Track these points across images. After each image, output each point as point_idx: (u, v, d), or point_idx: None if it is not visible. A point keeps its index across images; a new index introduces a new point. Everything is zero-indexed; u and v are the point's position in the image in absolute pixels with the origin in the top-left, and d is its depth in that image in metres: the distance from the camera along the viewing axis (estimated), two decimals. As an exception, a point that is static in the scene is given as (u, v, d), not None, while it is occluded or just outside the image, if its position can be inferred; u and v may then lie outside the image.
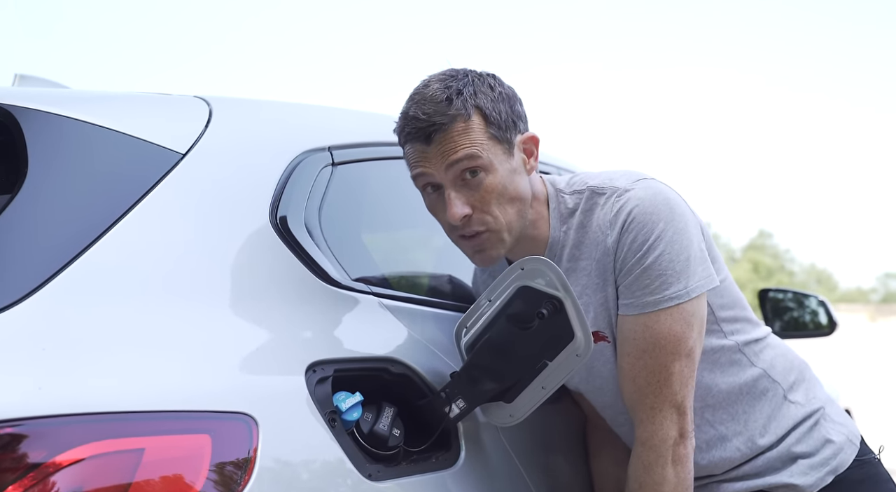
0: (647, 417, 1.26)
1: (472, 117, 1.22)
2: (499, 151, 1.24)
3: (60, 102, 1.19)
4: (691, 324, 1.24)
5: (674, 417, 1.25)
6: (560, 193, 1.34)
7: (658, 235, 1.22)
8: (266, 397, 1.01)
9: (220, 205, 1.17)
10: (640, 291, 1.23)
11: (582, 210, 1.30)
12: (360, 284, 1.29)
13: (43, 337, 0.90)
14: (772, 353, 1.41)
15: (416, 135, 1.23)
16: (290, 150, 1.33)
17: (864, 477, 1.37)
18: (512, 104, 1.27)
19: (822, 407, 1.41)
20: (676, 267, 1.22)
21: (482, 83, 1.26)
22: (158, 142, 1.17)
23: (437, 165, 1.23)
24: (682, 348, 1.24)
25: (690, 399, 1.27)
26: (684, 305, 1.23)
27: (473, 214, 1.24)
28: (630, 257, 1.24)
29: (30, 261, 0.97)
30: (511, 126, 1.25)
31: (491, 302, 1.23)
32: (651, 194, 1.25)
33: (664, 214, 1.23)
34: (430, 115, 1.21)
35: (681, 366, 1.24)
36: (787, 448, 1.37)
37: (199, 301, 1.06)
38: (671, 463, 1.25)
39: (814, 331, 2.51)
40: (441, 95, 1.22)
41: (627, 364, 1.27)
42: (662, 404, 1.25)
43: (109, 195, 1.09)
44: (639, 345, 1.25)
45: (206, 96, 1.34)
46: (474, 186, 1.23)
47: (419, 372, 1.24)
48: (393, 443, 1.14)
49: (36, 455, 0.82)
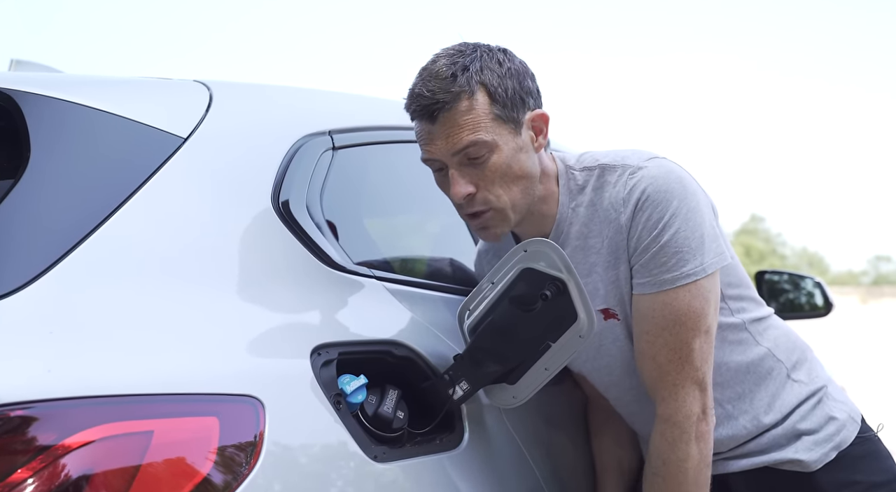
0: (670, 394, 1.27)
1: (477, 95, 1.21)
2: (504, 131, 1.23)
3: (60, 87, 1.18)
4: (709, 300, 1.25)
5: (696, 393, 1.26)
6: (570, 170, 1.33)
7: (673, 213, 1.22)
8: (272, 379, 1.02)
9: (223, 189, 1.17)
10: (658, 268, 1.24)
11: (593, 187, 1.30)
12: (363, 268, 1.29)
13: (50, 321, 0.90)
14: (775, 332, 1.43)
15: (422, 113, 1.23)
16: (291, 134, 1.33)
17: (865, 453, 1.39)
18: (521, 80, 1.26)
19: (824, 386, 1.43)
20: (692, 244, 1.22)
21: (491, 58, 1.24)
22: (160, 126, 1.17)
23: (441, 149, 1.23)
24: (702, 325, 1.25)
25: (710, 376, 1.28)
26: (701, 281, 1.23)
27: (477, 193, 1.24)
28: (645, 236, 1.24)
29: (34, 245, 0.97)
30: (518, 103, 1.25)
31: (494, 284, 1.24)
32: (664, 172, 1.25)
33: (678, 192, 1.23)
34: (434, 92, 1.21)
35: (701, 342, 1.25)
36: (792, 426, 1.38)
37: (203, 285, 1.06)
38: (694, 440, 1.26)
39: (810, 312, 2.52)
40: (446, 72, 1.22)
41: (647, 343, 1.28)
42: (685, 380, 1.26)
43: (112, 179, 1.08)
44: (658, 323, 1.25)
45: (206, 81, 1.33)
46: (478, 164, 1.23)
47: (423, 355, 1.24)
48: (397, 425, 1.15)
49: (46, 438, 0.83)
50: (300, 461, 1.00)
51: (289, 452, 0.98)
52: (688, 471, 1.26)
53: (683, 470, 1.26)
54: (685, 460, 1.26)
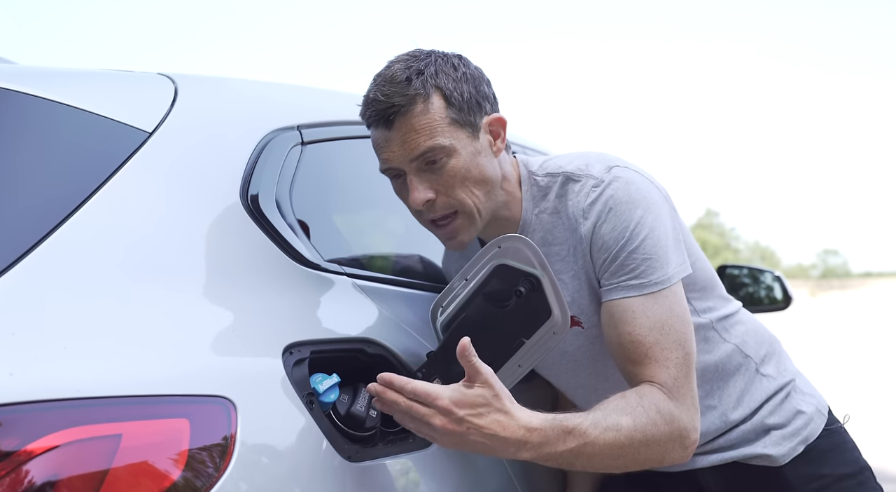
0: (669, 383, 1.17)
1: (432, 98, 1.20)
2: (461, 135, 1.22)
3: (17, 79, 1.14)
4: (673, 308, 1.22)
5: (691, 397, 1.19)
6: (533, 176, 1.33)
7: (638, 222, 1.22)
8: (243, 379, 1.00)
9: (190, 185, 1.14)
10: (626, 275, 1.22)
11: (556, 194, 1.30)
12: (334, 265, 1.27)
13: (11, 322, 0.87)
14: (743, 328, 1.44)
15: (377, 118, 1.22)
16: (259, 128, 1.30)
17: (832, 445, 1.42)
18: (477, 85, 1.26)
19: (792, 379, 1.45)
20: (659, 252, 1.21)
21: (445, 63, 1.24)
22: (123, 120, 1.14)
23: (398, 155, 1.22)
24: (664, 339, 1.19)
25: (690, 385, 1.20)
26: (666, 291, 1.21)
27: (437, 199, 1.23)
28: (612, 244, 1.23)
29: None
30: (475, 107, 1.24)
31: (467, 281, 1.23)
32: (624, 184, 1.24)
33: (640, 203, 1.23)
34: (389, 95, 1.20)
35: (662, 350, 1.19)
36: (761, 420, 1.39)
37: (171, 283, 1.03)
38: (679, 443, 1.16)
39: (769, 306, 2.57)
40: (401, 75, 1.21)
41: (615, 345, 1.23)
42: (686, 376, 1.18)
43: (75, 176, 1.05)
44: (628, 329, 1.21)
45: (170, 74, 1.30)
46: (437, 170, 1.22)
47: (395, 352, 1.23)
48: (370, 424, 1.13)
49: (8, 443, 0.79)
50: (273, 462, 0.98)
51: (261, 453, 0.96)
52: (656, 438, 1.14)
53: (656, 435, 1.13)
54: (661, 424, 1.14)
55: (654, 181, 1.30)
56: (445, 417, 1.04)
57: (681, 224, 1.33)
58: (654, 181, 1.29)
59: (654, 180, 1.30)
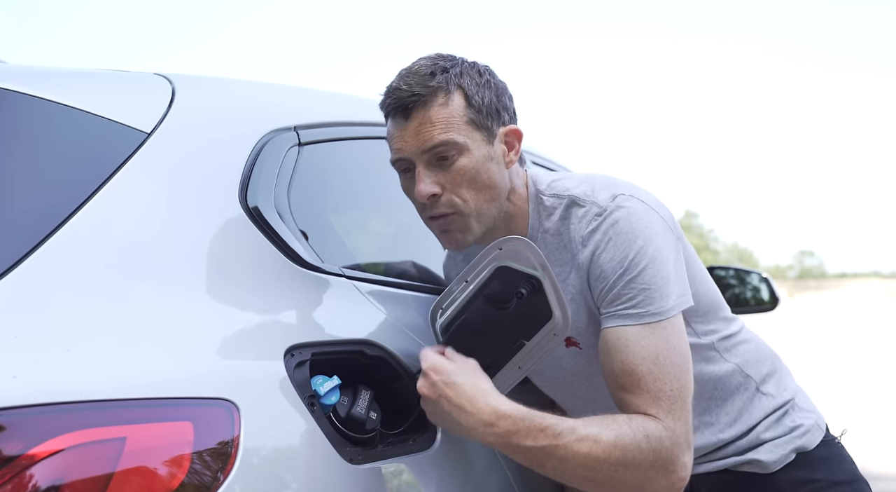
0: (662, 416, 1.13)
1: (454, 94, 1.21)
2: (477, 136, 1.23)
3: (13, 78, 1.13)
4: (669, 341, 1.18)
5: (685, 430, 1.14)
6: (540, 194, 1.32)
7: (637, 252, 1.19)
8: (246, 382, 0.99)
9: (189, 186, 1.13)
10: (623, 304, 1.19)
11: (561, 216, 1.28)
12: (332, 267, 1.27)
13: (13, 324, 0.86)
14: (745, 347, 1.43)
15: (397, 106, 1.22)
16: (257, 129, 1.30)
17: (828, 455, 1.41)
18: (499, 95, 1.27)
19: (792, 398, 1.44)
20: (659, 283, 1.18)
21: (471, 68, 1.26)
22: (122, 120, 1.13)
23: (411, 146, 1.22)
24: (660, 371, 1.15)
25: (684, 414, 1.15)
26: (664, 322, 1.18)
27: (442, 195, 1.23)
28: (610, 273, 1.20)
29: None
30: (494, 114, 1.25)
31: (467, 283, 1.23)
32: (626, 214, 1.22)
33: (642, 233, 1.20)
34: (412, 85, 1.21)
35: (670, 384, 1.15)
36: (756, 436, 1.40)
37: (171, 285, 1.03)
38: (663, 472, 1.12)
39: (756, 307, 2.58)
40: (426, 70, 1.22)
41: (608, 374, 1.20)
42: (649, 408, 1.14)
43: (74, 176, 1.04)
44: (621, 358, 1.17)
45: (167, 74, 1.29)
46: (446, 166, 1.22)
47: (395, 354, 1.23)
48: (370, 426, 1.13)
49: (12, 447, 0.79)
50: (276, 465, 0.97)
51: (265, 455, 0.96)
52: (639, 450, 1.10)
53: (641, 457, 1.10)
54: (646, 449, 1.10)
55: (661, 210, 1.27)
56: (423, 378, 1.11)
57: (688, 250, 1.32)
58: (659, 211, 1.26)
59: (660, 209, 1.27)
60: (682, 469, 1.13)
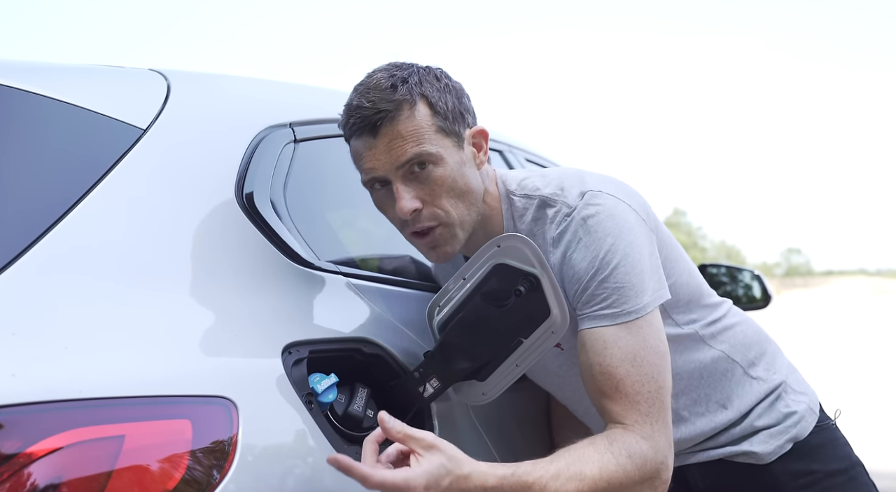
0: (640, 421, 1.16)
1: (418, 105, 1.19)
2: (447, 143, 1.21)
3: (8, 73, 1.12)
4: (647, 339, 1.18)
5: (664, 433, 1.17)
6: (511, 195, 1.31)
7: (608, 250, 1.18)
8: (244, 379, 0.99)
9: (186, 183, 1.13)
10: (597, 305, 1.18)
11: (533, 218, 1.27)
12: (329, 264, 1.26)
13: (10, 322, 0.85)
14: (730, 332, 1.43)
15: (362, 125, 1.19)
16: (252, 125, 1.29)
17: (823, 442, 1.42)
18: (459, 97, 1.25)
19: (783, 381, 1.44)
20: (633, 280, 1.18)
21: (428, 74, 1.23)
22: (117, 116, 1.12)
23: (384, 163, 1.19)
24: (637, 372, 1.16)
25: (663, 416, 1.18)
26: (640, 321, 1.18)
27: (423, 209, 1.21)
28: (583, 274, 1.19)
29: None
30: (459, 118, 1.23)
31: (465, 280, 1.23)
32: (595, 211, 1.20)
33: (612, 230, 1.19)
34: (375, 102, 1.18)
35: (648, 386, 1.17)
36: (750, 423, 1.39)
37: (169, 282, 1.02)
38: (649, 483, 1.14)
39: (748, 304, 2.57)
40: (386, 83, 1.19)
41: (588, 378, 1.20)
42: (629, 413, 1.16)
43: (71, 172, 1.03)
44: (599, 358, 1.17)
45: (162, 70, 1.28)
46: (423, 178, 1.20)
47: (392, 352, 1.23)
48: (367, 424, 1.13)
49: (11, 445, 0.78)
50: (274, 463, 0.97)
51: (263, 453, 0.96)
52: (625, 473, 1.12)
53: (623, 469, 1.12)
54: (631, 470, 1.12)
55: (632, 201, 1.25)
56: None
57: (666, 240, 1.31)
58: (631, 202, 1.24)
59: (631, 200, 1.25)
60: (664, 472, 1.16)
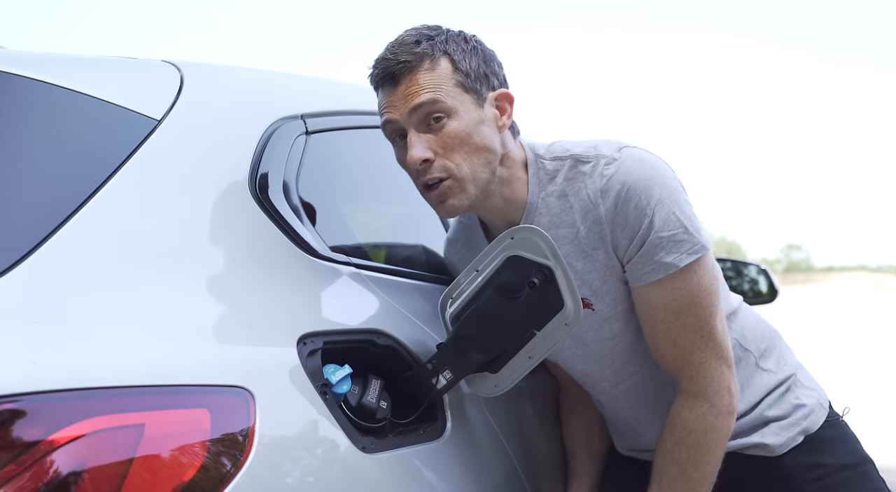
0: (698, 372, 1.28)
1: (440, 59, 1.23)
2: (465, 99, 1.23)
3: (24, 65, 1.12)
4: (715, 276, 1.28)
5: (724, 369, 1.28)
6: (539, 159, 1.33)
7: (659, 198, 1.23)
8: (260, 369, 0.99)
9: (200, 173, 1.13)
10: (658, 254, 1.23)
11: (565, 177, 1.30)
12: (342, 256, 1.27)
13: (32, 310, 0.86)
14: (743, 323, 1.45)
15: (384, 75, 1.23)
16: (265, 117, 1.29)
17: (833, 436, 1.43)
18: (487, 60, 1.27)
19: (793, 374, 1.46)
20: (685, 224, 1.24)
21: (457, 35, 1.27)
22: (133, 107, 1.12)
23: (401, 109, 1.22)
24: (715, 300, 1.27)
25: (731, 352, 1.30)
26: (702, 258, 1.25)
27: (435, 160, 1.22)
28: (637, 225, 1.23)
29: (11, 231, 0.91)
30: (482, 78, 1.26)
31: (479, 272, 1.23)
32: (638, 162, 1.25)
33: (657, 179, 1.24)
34: (398, 54, 1.22)
35: (719, 319, 1.27)
36: (760, 413, 1.41)
37: (184, 273, 1.03)
38: (725, 414, 1.28)
39: (754, 299, 2.58)
40: (411, 39, 1.24)
41: (663, 330, 1.28)
42: (710, 358, 1.27)
43: (88, 162, 1.04)
44: (672, 308, 1.26)
45: (175, 61, 1.28)
46: (437, 130, 1.22)
47: (405, 344, 1.23)
48: (381, 415, 1.13)
49: (34, 433, 0.78)
50: (292, 453, 0.98)
51: (280, 443, 0.96)
52: (711, 442, 1.28)
53: (707, 441, 1.27)
54: (711, 432, 1.27)
55: (664, 161, 1.31)
56: None
57: None
58: (663, 160, 1.31)
59: (663, 160, 1.32)
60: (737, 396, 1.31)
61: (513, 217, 1.32)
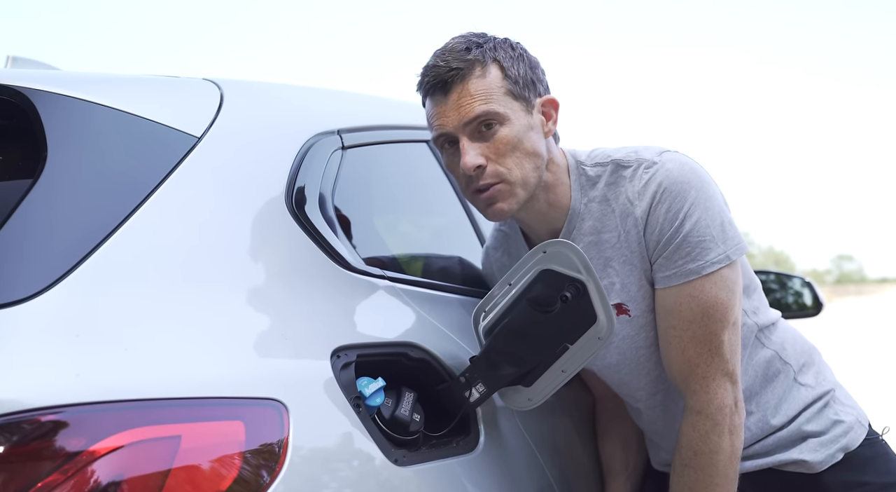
0: (701, 387, 1.28)
1: (490, 66, 1.24)
2: (516, 106, 1.25)
3: (68, 84, 1.16)
4: (734, 291, 1.27)
5: (727, 385, 1.28)
6: (581, 165, 1.34)
7: (692, 203, 1.24)
8: (294, 382, 1.01)
9: (237, 189, 1.16)
10: (682, 259, 1.24)
11: (606, 182, 1.31)
12: (376, 269, 1.28)
13: (75, 324, 0.89)
14: (783, 335, 1.44)
15: (435, 83, 1.24)
16: (301, 133, 1.32)
17: (875, 454, 1.40)
18: (532, 67, 1.30)
19: (832, 389, 1.44)
20: (714, 232, 1.24)
21: (504, 42, 1.29)
22: (173, 125, 1.15)
23: (453, 120, 1.24)
24: (729, 316, 1.26)
25: (739, 368, 1.29)
26: (724, 270, 1.25)
27: (487, 166, 1.24)
28: (667, 227, 1.25)
29: (55, 247, 0.95)
30: (530, 85, 1.27)
31: (511, 286, 1.23)
32: (678, 165, 1.27)
33: (694, 183, 1.25)
34: (449, 61, 1.24)
35: (729, 334, 1.27)
36: (798, 427, 1.39)
37: (221, 287, 1.05)
38: (727, 432, 1.27)
39: (798, 312, 2.52)
40: (461, 46, 1.25)
41: (674, 337, 1.28)
42: (715, 373, 1.27)
43: (130, 179, 1.07)
44: (685, 316, 1.26)
45: (216, 79, 1.32)
46: (489, 137, 1.24)
47: (438, 357, 1.24)
48: (414, 428, 1.14)
49: (76, 443, 0.81)
50: (325, 465, 0.99)
51: (314, 455, 0.98)
52: (719, 463, 1.27)
53: (714, 462, 1.27)
54: (717, 452, 1.27)
55: (704, 167, 1.32)
56: None
57: None
58: (703, 167, 1.32)
59: (703, 167, 1.32)
60: (742, 413, 1.30)
61: (556, 222, 1.33)
